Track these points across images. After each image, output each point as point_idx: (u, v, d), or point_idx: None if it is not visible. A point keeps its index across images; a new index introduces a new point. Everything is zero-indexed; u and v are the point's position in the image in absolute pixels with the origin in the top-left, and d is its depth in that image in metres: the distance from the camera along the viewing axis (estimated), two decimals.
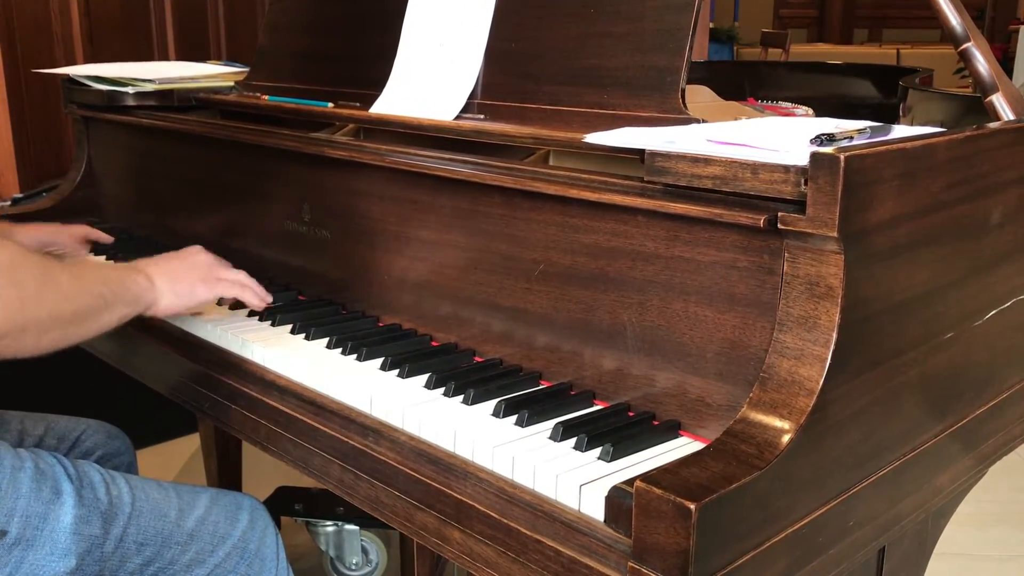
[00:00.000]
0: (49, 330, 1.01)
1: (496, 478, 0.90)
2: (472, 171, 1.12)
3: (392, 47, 1.40)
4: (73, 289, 1.04)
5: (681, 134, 0.96)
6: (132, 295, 1.14)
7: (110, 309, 1.10)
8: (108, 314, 1.10)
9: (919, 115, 1.62)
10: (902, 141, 0.87)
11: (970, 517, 2.41)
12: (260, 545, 1.18)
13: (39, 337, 1.00)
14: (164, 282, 1.19)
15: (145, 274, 1.18)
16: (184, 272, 1.22)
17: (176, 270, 1.21)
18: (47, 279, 1.00)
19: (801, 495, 0.81)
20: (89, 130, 1.87)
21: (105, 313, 1.09)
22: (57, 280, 1.02)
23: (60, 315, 1.01)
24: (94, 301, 1.07)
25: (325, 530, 1.92)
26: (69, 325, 1.04)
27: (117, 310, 1.11)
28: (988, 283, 1.04)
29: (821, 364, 0.81)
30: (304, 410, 1.10)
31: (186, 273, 1.22)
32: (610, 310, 1.01)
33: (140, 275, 1.17)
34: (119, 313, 1.12)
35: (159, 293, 1.18)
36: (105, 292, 1.09)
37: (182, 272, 1.21)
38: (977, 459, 1.09)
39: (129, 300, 1.14)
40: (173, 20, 3.71)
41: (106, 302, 1.09)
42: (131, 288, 1.15)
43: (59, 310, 1.01)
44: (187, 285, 1.21)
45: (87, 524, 1.03)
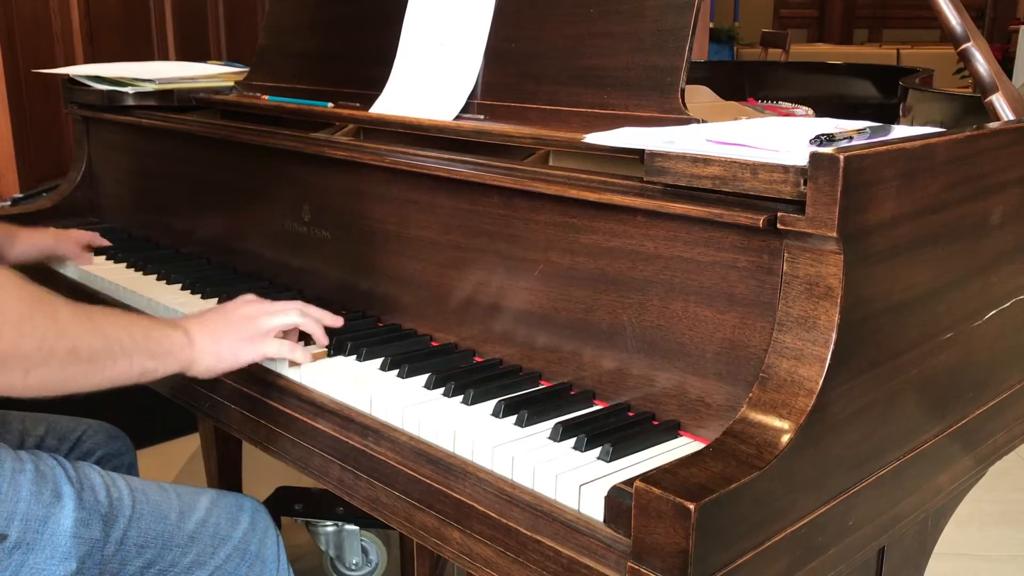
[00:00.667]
0: (39, 366, 0.92)
1: (496, 478, 0.90)
2: (472, 171, 1.12)
3: (392, 47, 1.40)
4: (74, 325, 0.96)
5: (681, 134, 0.96)
6: (162, 349, 1.05)
7: (128, 358, 1.01)
8: (125, 363, 1.01)
9: (919, 115, 1.63)
10: (902, 141, 0.87)
11: (970, 517, 2.41)
12: (261, 546, 1.18)
13: (27, 373, 0.91)
14: (206, 342, 1.10)
15: (184, 330, 1.09)
16: (228, 332, 1.12)
17: (220, 329, 1.11)
18: (36, 309, 0.92)
19: (801, 495, 0.81)
20: (89, 130, 1.87)
21: (121, 360, 1.00)
22: (51, 312, 0.94)
23: (53, 350, 0.93)
24: (104, 344, 0.98)
25: (325, 530, 1.92)
26: (67, 364, 0.95)
27: (139, 362, 1.02)
28: (988, 283, 1.04)
29: (820, 364, 0.81)
30: (304, 410, 1.10)
31: (230, 331, 1.12)
32: (610, 310, 1.01)
33: (178, 331, 1.08)
34: (141, 366, 1.03)
35: (199, 353, 1.09)
36: (124, 339, 1.00)
37: (226, 332, 1.12)
38: (977, 459, 1.09)
39: (157, 354, 1.05)
40: (173, 20, 3.72)
41: (123, 349, 1.00)
42: (162, 342, 1.05)
43: (51, 345, 0.93)
44: (230, 345, 1.11)
45: (87, 527, 1.03)
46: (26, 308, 0.91)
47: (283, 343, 1.13)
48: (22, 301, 0.91)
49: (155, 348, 1.04)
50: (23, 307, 0.91)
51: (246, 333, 1.12)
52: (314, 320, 1.16)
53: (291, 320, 1.15)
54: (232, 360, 1.11)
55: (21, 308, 0.91)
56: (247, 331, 1.12)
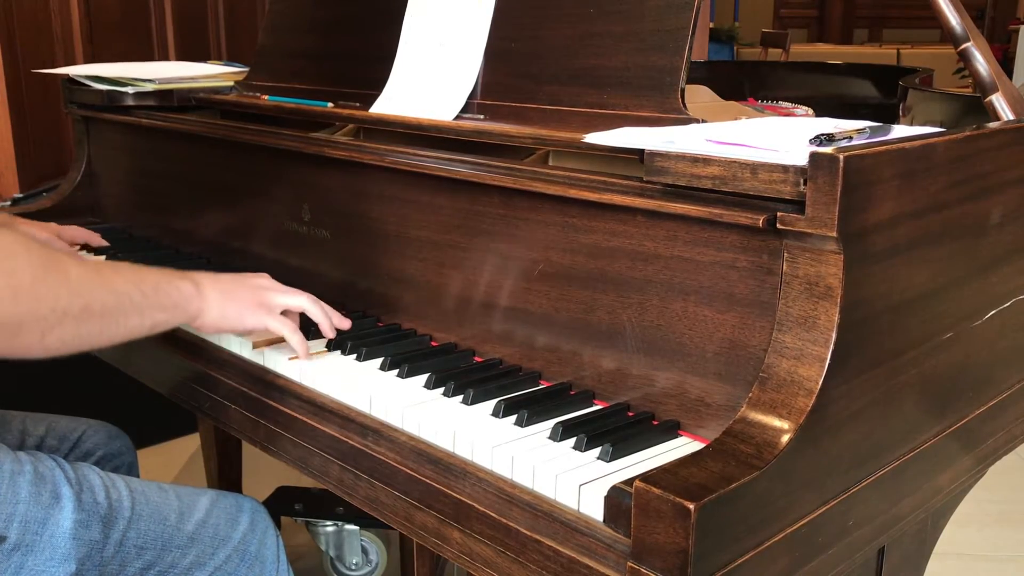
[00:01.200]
0: (54, 327, 0.93)
1: (495, 478, 0.90)
2: (472, 171, 1.12)
3: (392, 47, 1.40)
4: (86, 284, 0.96)
5: (681, 134, 0.96)
6: (171, 301, 1.06)
7: (140, 312, 1.02)
8: (137, 317, 1.01)
9: (919, 115, 1.63)
10: (902, 141, 0.87)
11: (970, 517, 2.41)
12: (260, 547, 1.18)
13: (43, 335, 0.92)
14: (214, 296, 1.10)
15: (193, 282, 1.10)
16: (239, 293, 1.13)
17: (231, 289, 1.13)
18: (49, 270, 0.92)
19: (800, 495, 0.81)
20: (89, 130, 1.87)
21: (133, 315, 1.01)
22: (63, 272, 0.94)
23: (67, 310, 0.93)
24: (116, 300, 0.99)
25: (325, 530, 1.92)
26: (81, 323, 0.95)
27: (150, 315, 1.03)
28: (988, 283, 1.04)
29: (820, 364, 0.81)
30: (303, 410, 1.10)
31: (241, 294, 1.13)
32: (610, 310, 1.01)
33: (187, 282, 1.09)
34: (152, 319, 1.04)
35: (208, 305, 1.09)
36: (134, 293, 1.01)
37: (237, 292, 1.13)
38: (977, 459, 1.09)
39: (167, 306, 1.05)
40: (173, 20, 3.72)
41: (134, 304, 1.01)
42: (171, 294, 1.06)
43: (65, 305, 0.93)
44: (237, 306, 1.12)
45: (87, 529, 1.03)
46: (39, 270, 0.91)
47: (286, 321, 1.15)
48: (34, 264, 0.91)
49: (165, 300, 1.05)
50: (36, 270, 0.91)
51: (255, 300, 1.14)
52: (322, 311, 1.17)
53: (301, 303, 1.17)
54: (236, 320, 1.13)
55: (35, 271, 0.91)
56: (256, 298, 1.14)
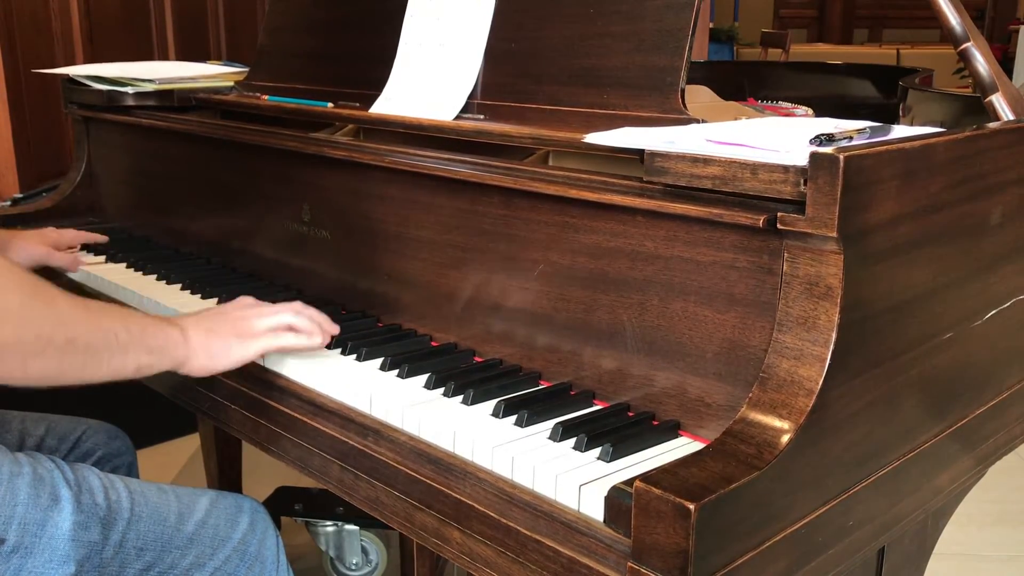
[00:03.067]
0: (38, 355, 0.92)
1: (495, 478, 0.90)
2: (472, 171, 1.12)
3: (392, 47, 1.40)
4: (72, 316, 0.96)
5: (681, 134, 0.96)
6: (157, 345, 1.05)
7: (124, 352, 1.01)
8: (121, 357, 1.01)
9: (919, 115, 1.63)
10: (902, 141, 0.87)
11: (970, 517, 2.41)
12: (260, 547, 1.18)
13: (25, 362, 0.92)
14: (199, 340, 1.10)
15: (180, 328, 1.09)
16: (222, 328, 1.12)
17: (214, 327, 1.12)
18: (37, 298, 0.93)
19: (800, 495, 0.81)
20: (89, 130, 1.87)
21: (118, 354, 1.01)
22: (51, 301, 0.95)
23: (51, 340, 0.93)
24: (102, 336, 0.99)
25: (325, 530, 1.92)
26: (65, 355, 0.95)
27: (134, 356, 1.03)
28: (988, 283, 1.04)
29: (820, 364, 0.81)
30: (304, 410, 1.10)
31: (224, 329, 1.12)
32: (610, 310, 1.01)
33: (174, 328, 1.08)
34: (137, 360, 1.03)
35: (192, 351, 1.09)
36: (120, 332, 1.01)
37: (220, 328, 1.12)
38: (977, 459, 1.09)
39: (152, 349, 1.05)
40: (173, 20, 3.72)
41: (120, 342, 1.01)
42: (156, 337, 1.06)
43: (49, 333, 0.93)
44: (223, 343, 1.11)
45: (86, 530, 1.03)
46: (26, 298, 0.92)
47: (277, 335, 1.14)
48: (22, 291, 0.91)
49: (151, 343, 1.05)
50: (23, 297, 0.91)
51: (238, 331, 1.13)
52: (309, 321, 1.16)
53: (285, 320, 1.15)
54: (224, 358, 1.11)
55: (21, 298, 0.91)
56: (239, 329, 1.13)
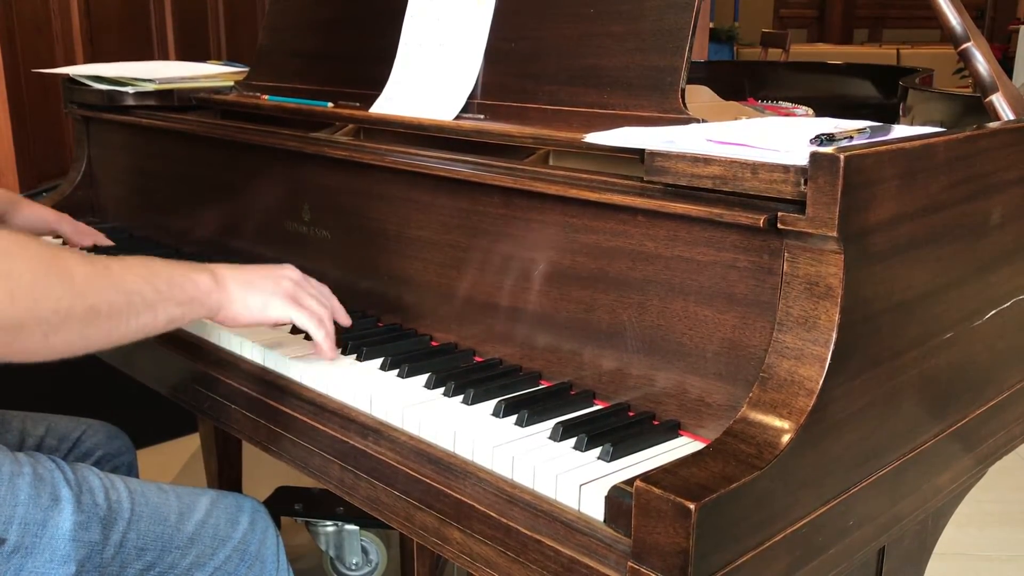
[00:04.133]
0: (58, 329, 0.88)
1: (496, 478, 0.90)
2: (472, 171, 1.12)
3: (392, 47, 1.40)
4: (92, 284, 0.92)
5: (681, 134, 0.96)
6: (187, 295, 1.01)
7: (153, 309, 0.97)
8: (149, 314, 0.97)
9: (919, 115, 1.63)
10: (902, 141, 0.87)
11: (970, 517, 2.41)
12: (261, 547, 1.18)
13: (47, 337, 0.88)
14: (236, 287, 1.06)
15: (212, 273, 1.05)
16: (262, 283, 1.08)
17: (254, 280, 1.08)
18: (51, 269, 0.88)
19: (801, 495, 0.81)
20: (89, 130, 1.87)
21: (146, 313, 0.96)
22: (67, 272, 0.90)
23: (70, 312, 0.89)
24: (126, 298, 0.94)
25: (325, 530, 1.92)
26: (87, 324, 0.91)
27: (164, 311, 0.98)
28: (988, 283, 1.04)
29: (821, 364, 0.81)
30: (304, 410, 1.10)
31: (265, 284, 1.08)
32: (610, 310, 1.01)
33: (204, 274, 1.04)
34: (167, 315, 0.99)
35: (229, 298, 1.05)
36: (145, 290, 0.96)
37: (260, 283, 1.08)
38: (977, 459, 1.09)
39: (183, 300, 1.01)
40: (173, 20, 3.72)
41: (146, 301, 0.96)
42: (186, 287, 1.01)
43: (67, 306, 0.89)
44: (261, 297, 1.07)
45: (86, 530, 1.03)
46: (40, 271, 0.88)
47: (313, 317, 1.10)
48: (34, 264, 0.87)
49: (180, 295, 1.00)
50: (37, 270, 0.87)
51: (282, 290, 1.09)
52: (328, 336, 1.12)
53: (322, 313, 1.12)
54: (260, 311, 1.08)
55: (35, 271, 0.87)
56: (283, 289, 1.09)
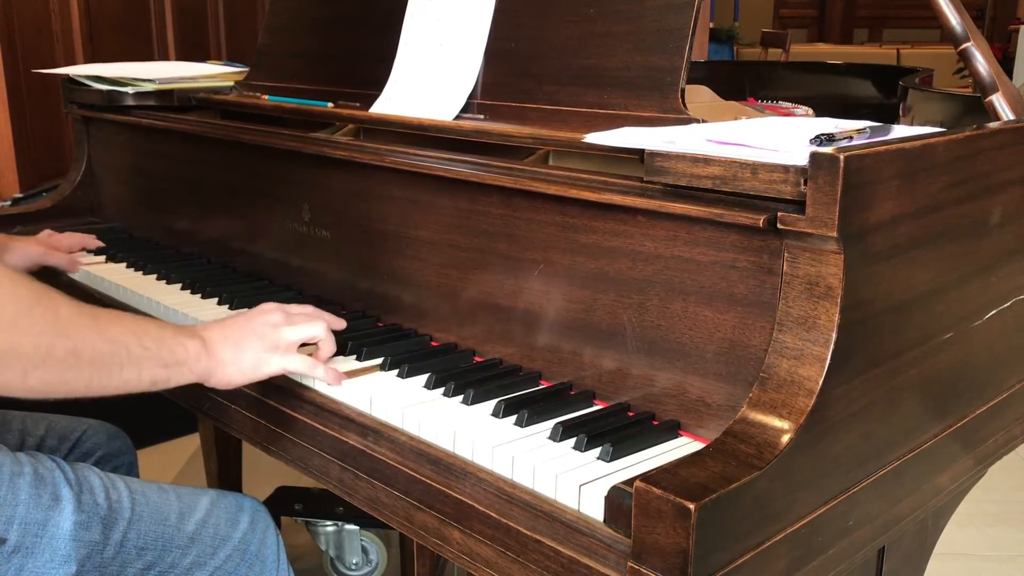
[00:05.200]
0: (38, 367, 0.88)
1: (496, 478, 0.90)
2: (472, 171, 1.12)
3: (392, 47, 1.40)
4: (76, 325, 0.91)
5: (681, 134, 0.96)
6: (175, 358, 1.00)
7: (137, 365, 0.96)
8: (133, 370, 0.96)
9: (919, 115, 1.63)
10: (902, 141, 0.87)
11: (970, 517, 2.41)
12: (261, 547, 1.18)
13: (25, 374, 0.87)
14: (227, 351, 1.04)
15: (201, 339, 1.03)
16: (251, 340, 1.06)
17: (243, 339, 1.06)
18: (36, 306, 0.89)
19: (801, 495, 0.81)
20: (89, 130, 1.87)
21: (129, 367, 0.96)
22: (52, 310, 0.90)
23: (51, 351, 0.89)
24: (110, 348, 0.94)
25: (325, 530, 1.92)
26: (68, 367, 0.91)
27: (148, 369, 0.98)
28: (988, 283, 1.04)
29: (821, 364, 0.81)
30: (303, 410, 1.10)
31: (253, 341, 1.06)
32: (610, 310, 1.01)
33: (194, 340, 1.03)
34: (151, 375, 0.98)
35: (219, 363, 1.04)
36: (132, 344, 0.96)
37: (248, 340, 1.06)
38: (977, 459, 1.09)
39: (169, 362, 1.00)
40: (173, 20, 3.72)
41: (131, 355, 0.96)
42: (174, 350, 1.00)
43: (49, 343, 0.88)
44: (252, 357, 1.05)
45: (87, 530, 1.03)
46: (23, 306, 0.88)
47: (306, 359, 1.08)
48: (18, 298, 0.87)
49: (167, 357, 1.00)
50: (20, 305, 0.87)
51: (269, 343, 1.07)
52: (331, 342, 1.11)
53: (316, 333, 1.10)
54: (253, 373, 1.06)
55: (18, 306, 0.87)
56: (270, 340, 1.07)
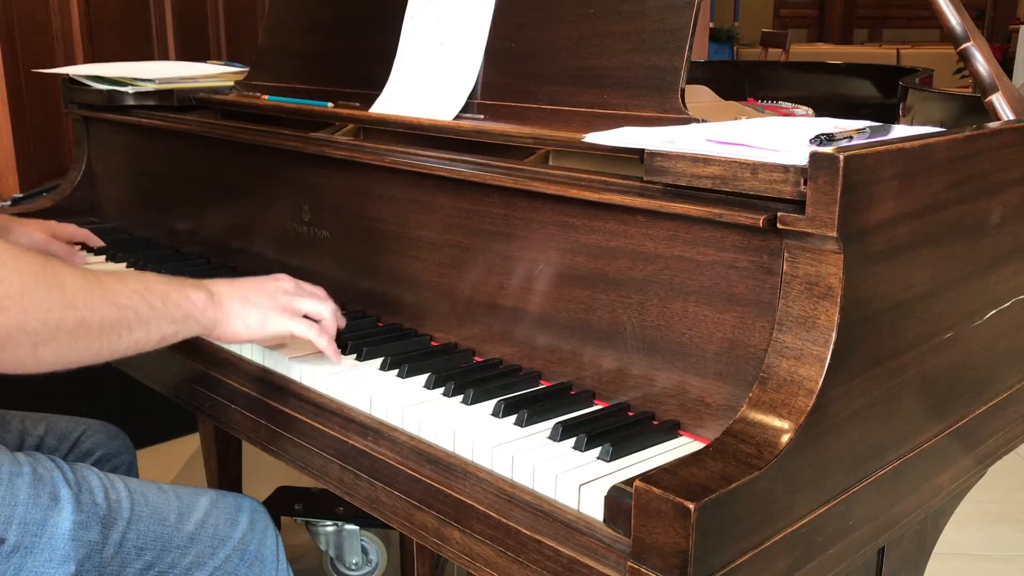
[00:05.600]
0: (49, 341, 0.88)
1: (496, 478, 0.90)
2: (472, 171, 1.12)
3: (392, 47, 1.40)
4: (84, 296, 0.91)
5: (681, 134, 0.96)
6: (182, 312, 1.01)
7: (146, 325, 0.97)
8: (143, 331, 0.97)
9: (919, 115, 1.63)
10: (902, 141, 0.87)
11: (970, 517, 2.41)
12: (260, 547, 1.18)
13: (36, 348, 0.88)
14: (233, 304, 1.05)
15: (208, 291, 1.04)
16: (259, 298, 1.08)
17: (250, 295, 1.07)
18: (42, 280, 0.88)
19: (800, 495, 0.81)
20: (89, 130, 1.87)
21: (138, 329, 0.96)
22: (58, 283, 0.90)
23: (61, 323, 0.89)
24: (118, 313, 0.94)
25: (325, 530, 1.92)
26: (78, 338, 0.91)
27: (157, 328, 0.98)
28: (988, 283, 1.04)
29: (820, 364, 0.81)
30: (304, 410, 1.10)
31: (262, 299, 1.08)
32: (610, 310, 1.01)
33: (200, 292, 1.04)
34: (160, 332, 0.99)
35: (225, 315, 1.04)
36: (139, 305, 0.96)
37: (257, 298, 1.07)
38: (977, 459, 1.09)
39: (177, 318, 1.00)
40: (173, 20, 3.72)
41: (139, 316, 0.96)
42: (181, 305, 1.01)
43: (58, 317, 0.89)
44: (259, 312, 1.06)
45: (86, 530, 1.03)
46: (30, 280, 0.87)
47: (312, 325, 1.09)
48: (24, 273, 0.87)
49: (175, 312, 1.00)
50: (27, 280, 0.87)
51: (278, 303, 1.08)
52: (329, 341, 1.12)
53: (322, 311, 1.11)
54: (259, 328, 1.07)
55: (24, 281, 0.87)
56: (280, 302, 1.09)
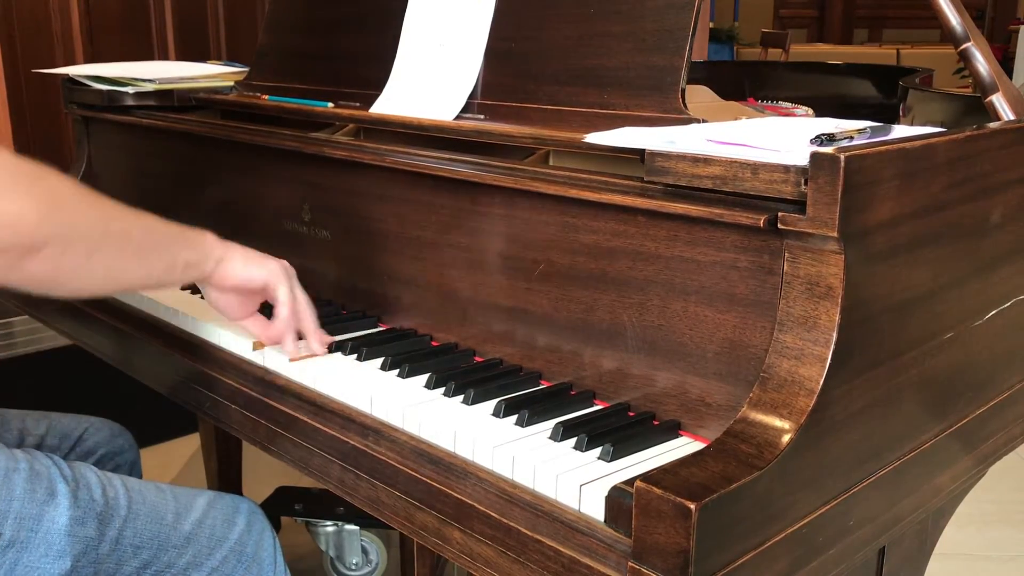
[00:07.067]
0: (100, 246, 0.94)
1: (496, 478, 0.90)
2: (472, 171, 1.12)
3: (392, 47, 1.40)
4: (119, 210, 0.98)
5: (681, 134, 0.96)
6: (194, 237, 1.09)
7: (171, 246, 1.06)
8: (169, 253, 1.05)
9: (919, 115, 1.63)
10: (902, 141, 0.87)
11: (970, 517, 2.41)
12: (257, 548, 1.18)
13: (90, 256, 0.93)
14: (233, 247, 1.13)
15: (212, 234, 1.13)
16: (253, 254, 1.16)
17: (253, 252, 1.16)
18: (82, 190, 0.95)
19: (801, 495, 0.81)
20: (89, 130, 1.87)
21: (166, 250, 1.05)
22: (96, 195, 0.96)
23: (107, 231, 0.95)
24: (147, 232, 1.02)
25: (325, 530, 1.92)
26: (121, 249, 0.98)
27: (181, 251, 1.07)
28: (988, 283, 1.04)
29: (821, 364, 0.81)
30: (304, 410, 1.10)
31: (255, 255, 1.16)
32: (610, 310, 1.01)
33: (207, 234, 1.12)
34: (185, 257, 1.07)
35: (228, 252, 1.12)
36: (159, 227, 1.04)
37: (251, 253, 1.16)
38: (977, 459, 1.09)
39: (193, 243, 1.09)
40: (173, 20, 3.71)
41: (166, 236, 1.05)
42: (189, 236, 1.09)
43: (104, 226, 0.95)
44: (258, 259, 1.15)
45: (82, 526, 1.03)
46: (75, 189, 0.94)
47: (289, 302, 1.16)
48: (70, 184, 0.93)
49: (189, 235, 1.08)
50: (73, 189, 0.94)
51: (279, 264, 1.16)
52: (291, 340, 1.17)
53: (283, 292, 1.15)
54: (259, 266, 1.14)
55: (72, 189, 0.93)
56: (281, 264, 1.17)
